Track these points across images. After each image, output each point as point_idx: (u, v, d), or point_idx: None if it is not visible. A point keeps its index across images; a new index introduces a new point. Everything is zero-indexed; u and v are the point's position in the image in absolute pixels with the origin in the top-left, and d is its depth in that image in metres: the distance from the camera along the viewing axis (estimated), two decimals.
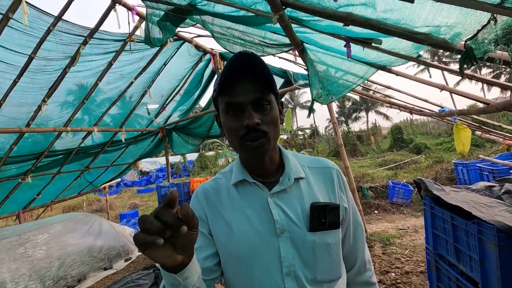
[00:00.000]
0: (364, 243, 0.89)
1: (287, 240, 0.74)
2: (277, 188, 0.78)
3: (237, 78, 0.71)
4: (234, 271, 0.78)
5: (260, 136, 0.71)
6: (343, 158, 4.46)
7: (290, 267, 0.73)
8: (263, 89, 0.72)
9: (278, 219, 0.75)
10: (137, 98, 4.55)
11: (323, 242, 0.74)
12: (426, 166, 9.80)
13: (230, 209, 0.80)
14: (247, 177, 0.80)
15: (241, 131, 0.71)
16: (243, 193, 0.81)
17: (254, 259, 0.74)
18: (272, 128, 0.73)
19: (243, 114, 0.71)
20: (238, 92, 0.71)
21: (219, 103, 0.76)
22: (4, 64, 2.69)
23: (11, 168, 4.15)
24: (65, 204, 11.02)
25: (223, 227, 0.79)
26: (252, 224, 0.76)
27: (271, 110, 0.74)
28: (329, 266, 0.76)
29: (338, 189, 0.83)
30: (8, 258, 3.51)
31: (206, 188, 0.86)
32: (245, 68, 0.70)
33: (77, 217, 4.86)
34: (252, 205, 0.78)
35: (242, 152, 0.76)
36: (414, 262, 3.51)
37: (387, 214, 5.84)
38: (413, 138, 19.24)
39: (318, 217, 0.75)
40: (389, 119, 32.29)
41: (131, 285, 3.58)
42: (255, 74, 0.71)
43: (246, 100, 0.70)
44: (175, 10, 2.35)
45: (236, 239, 0.76)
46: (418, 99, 3.42)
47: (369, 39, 1.67)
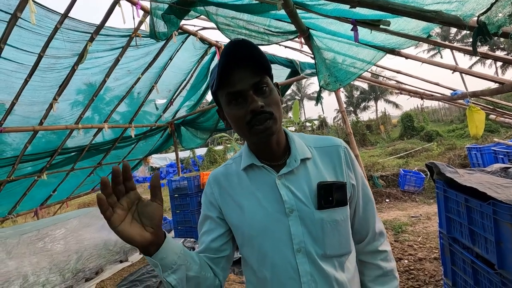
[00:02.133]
0: (375, 217, 0.90)
1: (296, 219, 0.77)
2: (284, 170, 0.81)
3: (233, 68, 0.72)
4: (248, 250, 0.82)
5: (267, 117, 0.73)
6: (352, 146, 4.40)
7: (300, 243, 0.76)
8: (259, 72, 0.74)
9: (286, 199, 0.78)
10: (144, 94, 4.59)
11: (331, 219, 0.77)
12: (438, 154, 9.62)
13: (241, 193, 0.84)
14: (255, 161, 0.83)
15: (247, 117, 0.73)
16: (252, 177, 0.84)
17: (266, 237, 0.78)
18: (276, 108, 0.75)
19: (245, 101, 0.73)
20: (236, 81, 0.73)
21: (220, 97, 0.79)
22: (15, 64, 2.74)
23: (27, 166, 4.27)
24: (80, 200, 11.31)
25: (235, 209, 0.83)
26: (262, 205, 0.80)
27: (271, 92, 0.76)
28: (338, 241, 0.78)
29: (345, 167, 0.84)
30: (29, 252, 3.64)
31: (217, 175, 0.91)
32: (238, 56, 0.71)
33: (91, 212, 4.99)
34: (261, 188, 0.82)
35: (251, 137, 0.78)
36: (427, 249, 3.48)
37: (399, 202, 5.79)
38: (424, 125, 18.82)
39: (325, 195, 0.77)
40: (398, 107, 31.72)
41: (146, 276, 3.67)
42: (248, 60, 0.72)
43: (246, 87, 0.73)
44: (178, 3, 2.34)
45: (248, 220, 0.80)
46: (429, 83, 3.34)
47: (376, 20, 1.63)
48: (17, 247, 3.59)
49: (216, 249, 0.84)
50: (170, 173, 19.85)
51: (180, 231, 5.00)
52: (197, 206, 4.90)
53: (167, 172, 20.29)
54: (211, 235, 0.85)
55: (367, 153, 14.56)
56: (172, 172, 19.77)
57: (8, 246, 3.52)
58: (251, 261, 0.82)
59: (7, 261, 3.35)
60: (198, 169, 20.04)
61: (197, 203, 4.94)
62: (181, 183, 5.06)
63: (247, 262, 0.84)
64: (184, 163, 21.28)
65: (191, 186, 4.95)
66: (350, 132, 4.33)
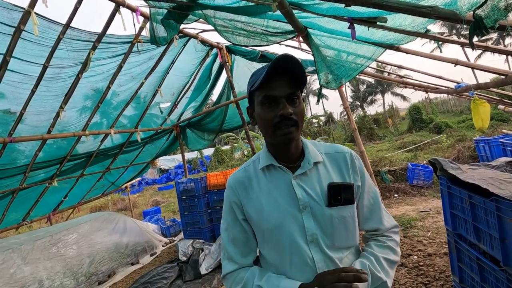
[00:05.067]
0: (381, 215, 0.98)
1: (309, 214, 0.87)
2: (299, 171, 0.91)
3: (276, 76, 0.84)
4: (268, 245, 0.92)
5: (292, 124, 0.85)
6: (357, 142, 4.37)
7: (313, 235, 0.86)
8: (295, 85, 0.86)
9: (301, 197, 0.88)
10: (149, 98, 4.64)
11: (339, 216, 0.88)
12: (447, 146, 9.45)
13: (259, 191, 0.94)
14: (273, 162, 0.94)
15: (275, 119, 0.85)
16: (270, 176, 0.94)
17: (282, 230, 0.88)
18: (300, 118, 0.87)
19: (277, 106, 0.85)
20: (275, 87, 0.85)
21: (256, 96, 0.90)
22: (21, 75, 2.81)
23: (38, 173, 4.38)
24: (92, 204, 11.54)
25: (255, 207, 0.93)
26: (278, 202, 0.90)
27: (300, 104, 0.88)
28: (346, 235, 0.89)
29: (351, 170, 0.95)
30: (43, 258, 3.75)
31: (238, 178, 1.00)
32: (284, 68, 0.83)
33: (102, 216, 5.09)
34: (278, 186, 0.92)
35: (274, 137, 0.88)
36: (437, 244, 3.43)
37: (408, 197, 5.71)
38: (433, 117, 18.51)
39: (335, 195, 0.88)
40: (406, 99, 31.19)
41: (157, 278, 3.74)
42: (290, 73, 0.85)
43: (282, 94, 0.84)
44: (177, 7, 2.36)
45: (266, 216, 0.90)
46: (432, 76, 3.28)
47: (373, 18, 1.62)
48: (32, 253, 3.70)
49: (250, 264, 0.97)
50: (178, 175, 20.03)
51: (189, 232, 5.06)
52: (204, 207, 4.94)
53: (175, 173, 20.48)
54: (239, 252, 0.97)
55: (375, 147, 14.40)
56: (180, 174, 19.94)
57: (23, 252, 3.63)
58: (269, 255, 0.92)
59: (22, 266, 3.45)
60: (206, 170, 20.16)
61: (205, 204, 4.98)
62: (188, 185, 5.11)
63: (266, 258, 0.94)
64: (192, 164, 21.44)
65: (198, 187, 4.99)
66: (355, 128, 4.30)
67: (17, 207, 4.80)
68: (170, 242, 5.67)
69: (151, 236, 5.36)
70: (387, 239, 0.96)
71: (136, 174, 6.82)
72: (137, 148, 5.63)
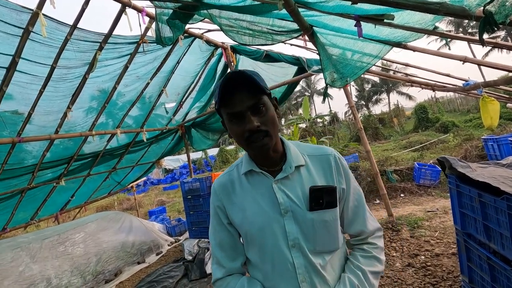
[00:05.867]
0: (366, 217, 0.98)
1: (290, 219, 0.87)
2: (280, 175, 0.91)
3: (232, 91, 0.83)
4: (252, 249, 0.93)
5: (264, 134, 0.84)
6: (363, 142, 4.35)
7: (294, 240, 0.86)
8: (255, 95, 0.84)
9: (282, 201, 0.88)
10: (155, 98, 4.67)
11: (321, 220, 0.87)
12: (454, 145, 9.34)
13: (242, 196, 0.94)
14: (254, 167, 0.94)
15: (245, 134, 0.84)
16: (252, 181, 0.95)
17: (264, 235, 0.88)
18: (271, 125, 0.85)
19: (244, 120, 0.83)
20: (235, 102, 0.83)
21: (222, 113, 0.89)
22: (30, 76, 2.85)
23: (46, 173, 4.43)
24: (98, 204, 11.65)
25: (238, 211, 0.93)
26: (260, 207, 0.90)
27: (267, 111, 0.86)
28: (328, 239, 0.89)
29: (336, 173, 0.94)
30: (51, 256, 3.79)
31: (222, 183, 1.00)
32: (236, 82, 0.82)
33: (108, 215, 5.13)
34: (260, 191, 0.92)
35: (250, 150, 0.90)
36: (445, 244, 3.39)
37: (414, 196, 5.66)
38: (439, 116, 18.32)
39: (316, 198, 0.87)
40: (412, 98, 30.91)
41: (163, 277, 3.76)
42: (246, 85, 0.82)
43: (244, 108, 0.83)
44: (182, 7, 2.37)
45: (248, 220, 0.90)
46: (440, 74, 3.24)
47: (380, 15, 1.60)
48: (40, 252, 3.75)
49: (238, 269, 0.97)
50: (183, 174, 20.12)
51: (194, 232, 5.08)
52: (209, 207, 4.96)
53: (180, 173, 20.58)
54: (226, 256, 0.97)
55: (380, 147, 14.30)
56: (185, 173, 20.03)
57: (31, 250, 3.68)
58: (254, 259, 0.93)
59: (31, 265, 3.50)
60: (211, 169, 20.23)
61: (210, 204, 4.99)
62: (193, 184, 5.13)
63: (251, 261, 0.95)
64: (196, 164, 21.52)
65: (203, 187, 5.00)
66: (361, 127, 4.28)
67: (25, 207, 4.86)
68: (175, 241, 5.70)
69: (157, 236, 5.40)
70: (372, 248, 0.95)
71: (141, 174, 6.87)
72: (143, 148, 5.67)
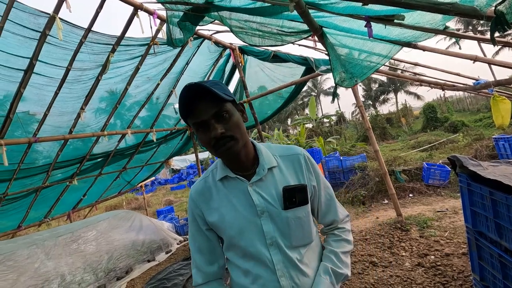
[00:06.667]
0: (337, 208, 1.09)
1: (267, 219, 0.92)
2: (254, 178, 0.95)
3: (194, 102, 0.86)
4: (232, 250, 0.97)
5: (228, 140, 0.87)
6: (372, 142, 4.35)
7: (272, 238, 0.92)
8: (217, 103, 0.87)
9: (258, 203, 0.93)
10: (164, 99, 4.75)
11: (295, 217, 0.93)
12: (464, 145, 9.23)
13: (219, 201, 0.98)
14: (229, 173, 0.97)
15: (212, 141, 0.87)
16: (228, 186, 0.98)
17: (243, 236, 0.93)
18: (236, 130, 0.89)
19: (209, 129, 0.87)
20: (199, 112, 0.87)
21: (189, 123, 0.92)
22: (46, 78, 2.94)
23: (57, 173, 4.54)
24: (107, 203, 11.83)
25: (217, 216, 0.97)
26: (237, 210, 0.94)
27: (231, 117, 0.89)
28: (302, 234, 0.95)
29: (306, 171, 1.00)
30: (65, 254, 3.89)
31: (198, 190, 1.03)
32: (196, 93, 0.85)
33: (119, 214, 5.23)
34: (236, 195, 0.96)
35: (220, 157, 0.95)
36: (455, 244, 3.38)
37: (423, 197, 5.62)
38: (448, 116, 18.08)
39: (289, 197, 0.93)
40: (420, 98, 30.51)
41: (173, 275, 3.82)
42: (206, 95, 0.85)
43: (207, 117, 0.86)
44: (193, 9, 2.42)
45: (227, 224, 0.94)
46: (449, 73, 3.23)
47: (390, 16, 1.62)
48: (54, 249, 3.85)
49: (215, 273, 1.02)
50: (190, 174, 20.26)
51: None
52: None
53: (187, 173, 20.72)
54: (205, 250, 1.02)
55: (388, 147, 14.19)
56: (192, 174, 20.16)
57: (46, 248, 3.78)
58: (235, 258, 0.97)
59: (46, 262, 3.60)
60: None
61: None
62: None
63: (231, 261, 0.99)
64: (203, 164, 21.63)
65: None
66: (369, 127, 4.28)
67: (38, 206, 4.99)
68: (184, 240, 5.77)
69: (166, 234, 5.47)
70: (341, 232, 1.06)
71: (150, 174, 6.96)
72: (152, 148, 5.76)
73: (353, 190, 6.12)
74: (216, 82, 0.91)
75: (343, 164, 7.18)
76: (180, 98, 0.86)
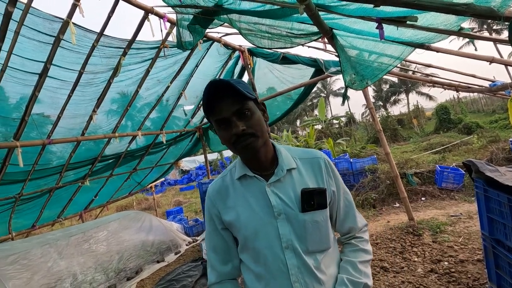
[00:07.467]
0: (356, 216, 1.05)
1: (283, 221, 0.90)
2: (273, 179, 0.94)
3: (217, 100, 0.87)
4: (246, 252, 0.96)
5: (248, 137, 0.87)
6: (383, 144, 4.27)
7: (288, 241, 0.89)
8: (239, 101, 0.87)
9: (275, 204, 0.91)
10: (173, 100, 4.79)
11: (312, 220, 0.91)
12: (479, 147, 8.97)
13: (236, 200, 0.97)
14: (247, 172, 0.97)
15: (232, 139, 0.88)
16: (245, 185, 0.97)
17: (258, 237, 0.91)
18: (257, 128, 0.89)
19: (230, 126, 0.87)
20: (221, 109, 0.87)
21: (211, 120, 0.93)
22: (60, 81, 3.01)
23: (70, 174, 4.64)
24: (118, 204, 12.00)
25: (233, 215, 0.96)
26: (254, 210, 0.93)
27: (252, 115, 0.89)
28: (319, 238, 0.92)
29: (326, 175, 0.99)
30: (77, 253, 3.96)
31: (216, 188, 1.03)
32: (220, 90, 0.86)
33: (129, 215, 5.30)
34: (253, 195, 0.95)
35: (239, 154, 0.94)
36: (470, 250, 3.28)
37: (436, 200, 5.48)
38: (462, 117, 17.62)
39: (308, 200, 0.91)
40: (432, 99, 29.91)
41: (182, 276, 3.83)
42: (229, 92, 0.86)
43: (229, 114, 0.87)
44: (203, 13, 2.43)
45: (243, 224, 0.93)
46: (464, 75, 3.14)
47: (403, 17, 1.59)
48: (67, 248, 3.93)
49: (229, 273, 1.01)
50: (199, 175, 20.38)
51: None
52: None
53: (196, 174, 20.86)
54: (220, 250, 1.01)
55: (399, 149, 13.94)
56: (201, 175, 20.28)
57: (59, 247, 3.86)
58: (248, 261, 0.95)
59: (58, 261, 3.67)
60: None
61: None
62: None
63: (245, 264, 0.97)
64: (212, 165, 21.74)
65: None
66: (380, 129, 4.21)
67: (52, 206, 5.11)
68: (193, 241, 5.80)
69: (175, 235, 5.51)
70: (359, 241, 1.02)
71: (160, 175, 7.04)
72: (162, 150, 5.82)
73: (364, 193, 6.03)
74: (239, 80, 0.91)
75: (353, 166, 7.08)
76: (204, 94, 0.87)
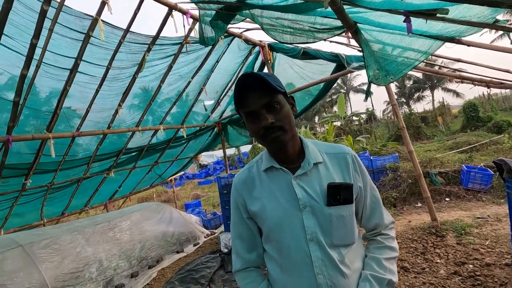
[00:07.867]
0: (382, 213, 1.06)
1: (309, 214, 0.91)
2: (299, 172, 0.95)
3: (247, 92, 0.89)
4: (270, 243, 0.97)
5: (277, 130, 0.89)
6: (406, 142, 4.15)
7: (312, 234, 0.90)
8: (269, 94, 0.89)
9: (301, 197, 0.92)
10: (193, 96, 4.88)
11: (338, 214, 0.91)
12: (510, 147, 8.50)
13: (262, 191, 0.99)
14: (274, 164, 0.98)
15: (261, 131, 0.89)
16: (272, 177, 0.99)
17: (283, 229, 0.93)
18: (286, 121, 0.90)
19: (259, 118, 0.89)
20: (251, 102, 0.89)
21: (241, 113, 0.96)
22: (88, 76, 3.15)
23: (94, 166, 4.86)
24: (139, 195, 12.43)
25: (258, 206, 0.98)
26: (280, 202, 0.94)
27: (282, 108, 0.91)
28: (344, 233, 0.93)
29: (353, 171, 0.99)
30: (102, 241, 4.16)
31: (242, 179, 1.06)
32: (250, 83, 0.88)
33: (151, 206, 5.48)
34: (279, 187, 0.96)
35: (267, 146, 0.97)
36: (497, 253, 3.14)
37: (461, 201, 5.27)
38: (492, 115, 16.70)
39: (334, 194, 0.91)
40: (459, 96, 28.51)
41: (201, 266, 3.94)
42: (259, 85, 0.88)
43: (258, 107, 0.89)
44: (225, 8, 2.45)
45: (268, 214, 0.95)
46: (497, 70, 2.98)
47: (432, 10, 1.53)
48: (93, 236, 4.13)
49: (254, 261, 1.04)
50: (217, 170, 20.68)
51: (229, 226, 5.22)
52: None
53: (214, 168, 21.18)
54: (244, 247, 1.04)
55: (422, 147, 13.44)
56: (219, 169, 20.58)
57: (86, 234, 4.07)
58: (272, 252, 0.97)
59: (86, 247, 3.88)
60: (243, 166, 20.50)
61: None
62: (229, 180, 5.27)
63: (269, 254, 0.99)
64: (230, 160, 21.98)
65: None
66: (403, 126, 4.10)
67: (79, 195, 5.40)
68: (211, 234, 5.93)
69: (194, 227, 5.65)
70: (384, 238, 1.02)
71: (180, 168, 7.21)
72: (182, 144, 5.96)
73: (384, 191, 5.89)
74: (270, 74, 0.93)
75: (374, 164, 6.92)
76: (235, 86, 0.89)
